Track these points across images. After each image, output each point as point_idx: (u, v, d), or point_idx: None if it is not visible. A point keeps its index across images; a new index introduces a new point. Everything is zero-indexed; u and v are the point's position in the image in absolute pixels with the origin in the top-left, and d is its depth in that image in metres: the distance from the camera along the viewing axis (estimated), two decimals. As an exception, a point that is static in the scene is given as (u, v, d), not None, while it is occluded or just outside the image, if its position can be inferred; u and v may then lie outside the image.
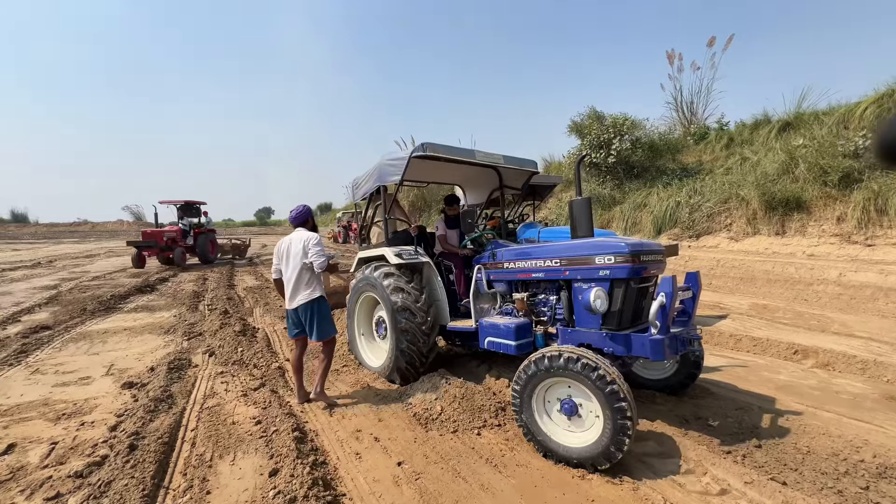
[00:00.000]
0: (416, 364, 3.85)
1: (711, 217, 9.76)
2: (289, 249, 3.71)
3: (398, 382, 3.94)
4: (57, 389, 3.96)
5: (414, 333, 3.80)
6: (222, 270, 13.56)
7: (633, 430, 2.36)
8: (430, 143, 3.75)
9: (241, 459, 2.69)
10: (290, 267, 3.67)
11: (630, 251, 2.81)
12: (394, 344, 3.91)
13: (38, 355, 4.98)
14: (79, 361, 4.78)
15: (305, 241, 3.66)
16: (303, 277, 3.65)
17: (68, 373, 4.40)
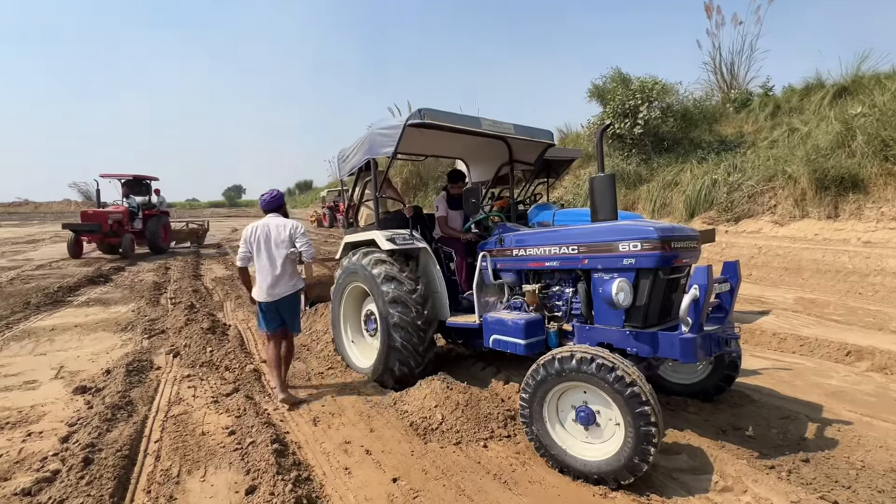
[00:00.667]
0: (410, 365, 3.85)
1: (753, 198, 9.74)
2: (267, 237, 3.83)
3: (391, 386, 3.95)
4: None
5: (408, 329, 3.79)
6: (186, 259, 13.54)
7: (658, 437, 2.37)
8: (428, 110, 3.69)
9: (213, 475, 2.70)
10: (271, 256, 3.81)
11: (660, 236, 2.79)
12: (385, 341, 3.91)
13: (-24, 356, 4.98)
14: (23, 363, 4.78)
15: (292, 230, 3.85)
16: (287, 268, 3.84)
17: (11, 375, 4.41)
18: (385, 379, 3.99)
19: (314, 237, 18.49)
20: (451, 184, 4.82)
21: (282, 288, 3.83)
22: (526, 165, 5.10)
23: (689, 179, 11.10)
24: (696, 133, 12.67)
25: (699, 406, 3.48)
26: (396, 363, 3.85)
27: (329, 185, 34.01)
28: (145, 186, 15.63)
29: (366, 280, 4.13)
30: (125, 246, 13.36)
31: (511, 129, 4.21)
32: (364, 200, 5.14)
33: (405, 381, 3.90)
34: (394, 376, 3.91)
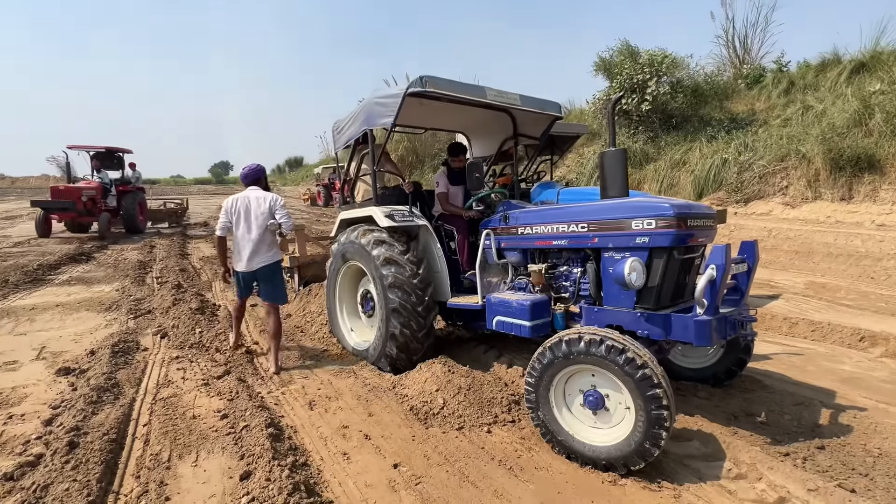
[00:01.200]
0: (409, 350, 3.83)
1: (764, 178, 9.67)
2: (247, 208, 4.10)
3: (387, 370, 3.93)
4: (-23, 376, 3.91)
5: (408, 315, 3.75)
6: (172, 238, 13.40)
7: (671, 421, 2.35)
8: (430, 77, 3.58)
9: (206, 460, 2.67)
10: (250, 227, 4.08)
11: (676, 214, 2.73)
12: (383, 326, 3.87)
13: (-48, 335, 4.91)
14: (2, 343, 4.72)
15: (272, 202, 4.11)
16: (265, 239, 4.12)
17: (-10, 356, 4.35)
18: (381, 363, 3.97)
19: (305, 216, 18.33)
20: (451, 157, 4.71)
21: (260, 258, 4.10)
22: (531, 140, 4.99)
23: (697, 158, 10.99)
24: (706, 110, 12.51)
25: (709, 391, 3.47)
26: (395, 349, 3.82)
27: (322, 162, 33.55)
28: (118, 160, 14.56)
29: (364, 260, 4.06)
30: (102, 226, 12.56)
31: (517, 100, 4.11)
32: (361, 175, 5.02)
33: (402, 366, 3.88)
34: (391, 362, 3.88)
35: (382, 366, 3.96)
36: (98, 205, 12.85)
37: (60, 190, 12.45)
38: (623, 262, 2.75)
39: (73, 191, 12.44)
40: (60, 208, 12.31)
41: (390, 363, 3.89)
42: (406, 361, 3.85)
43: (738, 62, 14.44)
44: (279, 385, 3.78)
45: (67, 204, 12.22)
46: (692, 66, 12.57)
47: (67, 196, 12.30)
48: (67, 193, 12.35)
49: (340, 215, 4.74)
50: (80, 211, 12.39)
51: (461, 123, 5.42)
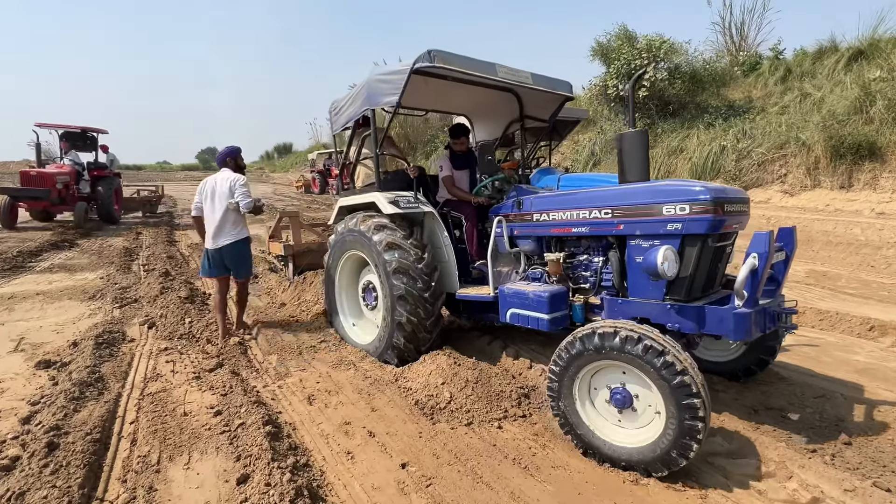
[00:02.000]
0: (417, 340, 3.63)
1: (763, 166, 9.58)
2: (213, 189, 4.32)
3: (394, 364, 3.73)
4: (-50, 369, 3.65)
5: (414, 302, 3.55)
6: (158, 225, 13.01)
7: (704, 434, 2.19)
8: (439, 51, 3.33)
9: (199, 462, 2.46)
10: (214, 207, 4.30)
11: (712, 198, 2.51)
12: (388, 316, 3.67)
13: (-76, 326, 4.62)
14: (-22, 334, 4.44)
15: (232, 182, 4.31)
16: (228, 218, 4.31)
17: (-36, 348, 4.07)
18: (387, 355, 3.76)
19: (296, 203, 17.97)
20: (453, 139, 4.47)
21: (224, 237, 4.32)
22: (538, 122, 4.77)
23: (695, 146, 10.87)
24: (704, 97, 12.37)
25: (726, 384, 3.34)
26: (402, 339, 3.61)
27: (315, 147, 32.85)
28: (90, 141, 12.99)
29: (365, 248, 3.84)
30: (78, 215, 11.03)
31: (528, 79, 3.87)
32: (361, 159, 4.76)
33: (409, 358, 3.68)
34: (398, 353, 3.68)
35: (389, 358, 3.75)
36: (71, 192, 11.65)
37: (32, 176, 10.99)
38: (655, 251, 2.53)
39: (47, 177, 11.03)
40: (32, 197, 10.94)
41: (397, 354, 3.69)
42: (414, 352, 3.66)
43: (734, 49, 14.29)
44: (275, 378, 3.58)
45: (41, 192, 10.87)
46: (690, 52, 12.38)
47: (41, 183, 10.92)
48: (41, 180, 10.95)
49: (339, 202, 4.47)
50: (54, 200, 11.14)
51: (465, 105, 5.17)
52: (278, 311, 5.23)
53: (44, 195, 10.87)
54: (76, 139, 12.81)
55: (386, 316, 3.70)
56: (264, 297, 5.93)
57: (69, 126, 12.67)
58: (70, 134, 12.74)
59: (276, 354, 4.02)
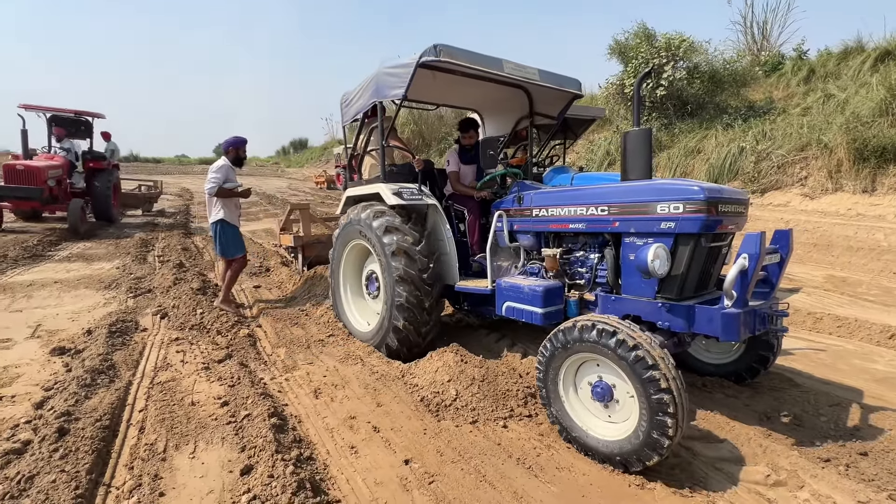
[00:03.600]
0: (416, 325, 3.65)
1: (783, 168, 9.37)
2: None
3: (394, 349, 3.76)
4: (-32, 354, 3.73)
5: (413, 283, 3.59)
6: (175, 216, 13.17)
7: (674, 407, 2.15)
8: (445, 46, 3.34)
9: (204, 451, 2.48)
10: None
11: (706, 198, 2.52)
12: (388, 300, 3.72)
13: (-54, 310, 4.74)
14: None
15: (210, 169, 4.87)
16: (210, 201, 4.91)
17: (-17, 333, 4.17)
18: (389, 340, 3.77)
19: (310, 197, 18.10)
20: (462, 133, 4.48)
21: (210, 218, 4.96)
22: (548, 119, 4.73)
23: (713, 146, 10.67)
24: (723, 97, 12.14)
25: (737, 389, 3.27)
26: (401, 320, 3.63)
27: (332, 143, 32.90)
28: (85, 127, 11.13)
29: (366, 235, 3.91)
30: (73, 216, 8.92)
31: (536, 75, 3.85)
32: (368, 150, 4.79)
33: (409, 344, 3.71)
34: (398, 336, 3.69)
35: (389, 342, 3.77)
36: (64, 187, 9.82)
37: (18, 171, 8.93)
38: (646, 249, 2.57)
39: (37, 173, 9.01)
40: (22, 197, 8.96)
41: (397, 339, 3.71)
42: (414, 335, 3.68)
43: (756, 48, 14.00)
44: (283, 371, 3.60)
45: (31, 192, 8.92)
46: (710, 51, 12.14)
47: (29, 180, 8.92)
48: (29, 176, 8.93)
49: (347, 192, 4.58)
50: (47, 199, 9.24)
51: (475, 100, 5.16)
52: (288, 305, 5.27)
53: (34, 194, 8.99)
54: (69, 124, 10.98)
55: (386, 300, 3.75)
56: (275, 290, 5.97)
57: (59, 109, 10.72)
58: (61, 118, 10.80)
59: (284, 347, 4.05)
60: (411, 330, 3.66)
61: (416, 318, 3.63)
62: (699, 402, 3.06)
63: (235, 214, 5.07)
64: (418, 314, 3.63)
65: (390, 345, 3.77)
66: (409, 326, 3.65)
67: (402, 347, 3.72)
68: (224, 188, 4.84)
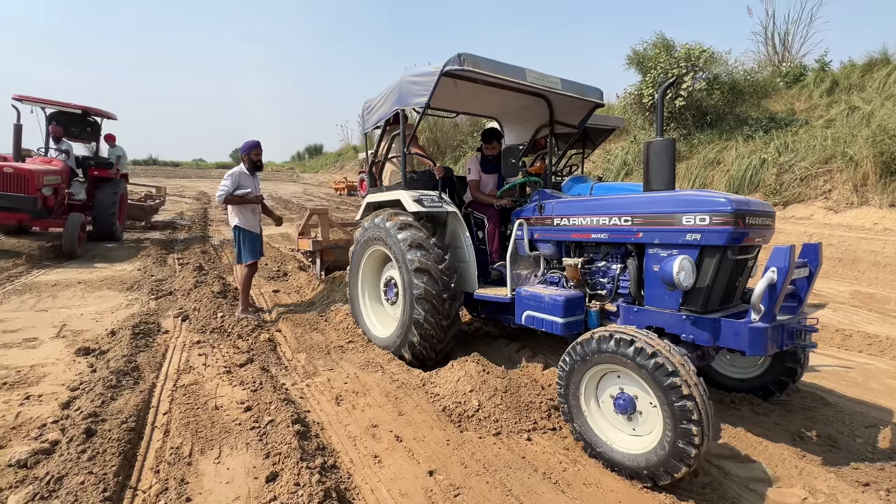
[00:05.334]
0: (432, 339, 3.67)
1: (806, 181, 9.20)
2: None
3: (408, 359, 3.78)
4: (-4, 352, 3.79)
5: (432, 302, 3.60)
6: (193, 218, 13.34)
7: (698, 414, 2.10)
8: (468, 55, 3.36)
9: (229, 457, 2.48)
10: None
11: (734, 210, 2.48)
12: (407, 312, 3.73)
13: (-25, 309, 4.82)
14: (23, 319, 4.61)
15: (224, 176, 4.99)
16: (227, 208, 5.05)
17: (10, 332, 4.23)
18: (403, 351, 3.80)
19: (324, 202, 18.22)
20: (485, 143, 4.49)
21: (231, 225, 5.07)
22: (568, 128, 4.72)
23: (733, 158, 10.53)
24: (743, 108, 11.99)
25: (767, 407, 3.18)
26: (417, 337, 3.65)
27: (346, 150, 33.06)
28: (92, 128, 9.42)
29: (389, 244, 3.91)
30: (70, 234, 7.31)
31: (558, 84, 3.85)
32: (389, 157, 4.82)
33: (424, 356, 3.72)
34: (413, 351, 3.72)
35: (403, 354, 3.80)
36: (62, 198, 8.19)
37: (5, 174, 7.25)
38: (671, 260, 2.54)
39: (28, 177, 7.35)
40: (7, 207, 7.24)
41: (412, 351, 3.73)
42: (428, 350, 3.69)
43: (777, 59, 13.84)
44: (304, 376, 3.59)
45: (21, 201, 7.26)
46: (731, 62, 12.02)
47: (20, 186, 7.28)
48: (19, 181, 7.28)
49: (367, 198, 4.61)
50: (39, 212, 7.54)
51: (495, 108, 5.16)
52: (308, 310, 5.28)
53: (24, 205, 7.30)
54: (71, 123, 9.22)
55: (404, 312, 3.76)
56: (294, 294, 5.99)
57: (63, 104, 8.88)
58: (62, 115, 9.06)
59: (304, 353, 4.04)
60: (426, 346, 3.68)
61: (431, 335, 3.64)
62: (728, 420, 2.99)
63: (252, 220, 5.08)
64: (434, 332, 3.64)
65: (405, 356, 3.80)
66: (424, 344, 3.67)
67: (415, 360, 3.75)
68: (234, 196, 4.86)
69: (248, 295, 5.05)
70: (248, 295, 5.05)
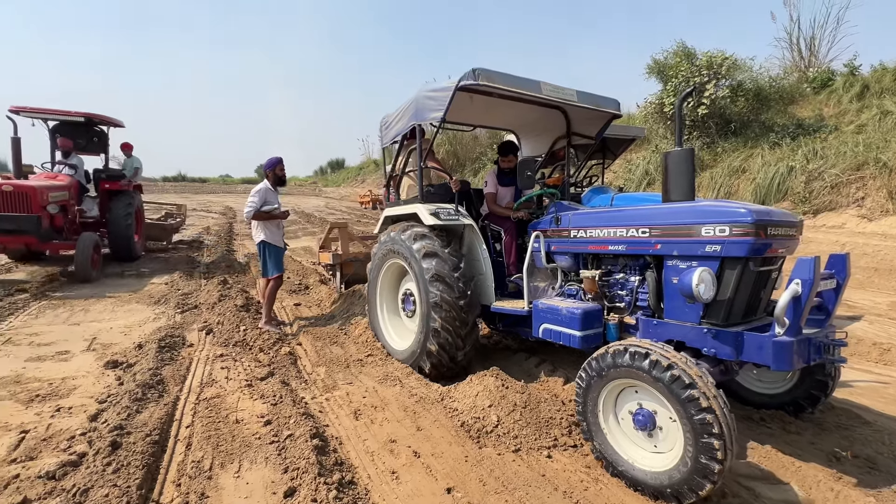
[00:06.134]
0: (450, 347, 3.65)
1: (836, 188, 8.91)
2: None
3: (427, 372, 3.77)
4: (31, 364, 3.93)
5: (449, 310, 3.59)
6: (219, 233, 13.65)
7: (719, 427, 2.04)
8: (483, 70, 3.39)
9: (249, 471, 2.49)
10: None
11: (754, 220, 2.42)
12: (424, 322, 3.73)
13: (12, 322, 5.01)
14: (57, 332, 4.77)
15: (250, 193, 5.10)
16: (252, 224, 5.16)
17: (44, 345, 4.39)
18: (421, 362, 3.79)
19: (346, 216, 18.46)
20: (501, 157, 4.52)
21: (255, 240, 5.19)
22: (586, 140, 4.70)
23: (759, 166, 10.28)
24: (769, 115, 11.73)
25: (799, 425, 3.05)
26: (435, 345, 3.64)
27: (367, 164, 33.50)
28: (99, 138, 8.57)
29: (405, 256, 3.94)
30: (83, 256, 6.63)
31: (574, 96, 3.85)
32: (407, 171, 4.88)
33: (443, 368, 3.71)
34: (431, 360, 3.70)
35: (422, 365, 3.79)
36: (72, 216, 7.52)
37: (4, 192, 6.46)
38: (690, 272, 2.49)
39: (31, 195, 6.56)
40: (8, 230, 6.49)
41: (430, 362, 3.72)
42: (448, 360, 3.68)
43: (803, 65, 13.54)
44: (323, 390, 3.61)
45: (24, 222, 6.48)
46: (755, 68, 11.80)
47: (23, 205, 6.50)
48: (20, 200, 6.49)
49: (385, 212, 4.66)
50: (47, 233, 6.75)
51: (512, 121, 5.18)
52: (328, 323, 5.32)
53: (27, 226, 6.51)
54: (77, 134, 8.37)
55: (422, 322, 3.76)
56: (314, 308, 6.06)
57: (63, 112, 7.99)
58: (66, 126, 8.24)
59: (324, 366, 4.07)
60: (444, 356, 3.66)
61: (450, 343, 3.63)
62: (757, 438, 2.87)
63: (277, 235, 5.20)
64: (452, 340, 3.63)
65: (423, 367, 3.79)
66: (442, 353, 3.65)
67: (435, 371, 3.73)
68: (262, 212, 5.00)
69: (271, 307, 5.13)
70: (271, 307, 5.13)
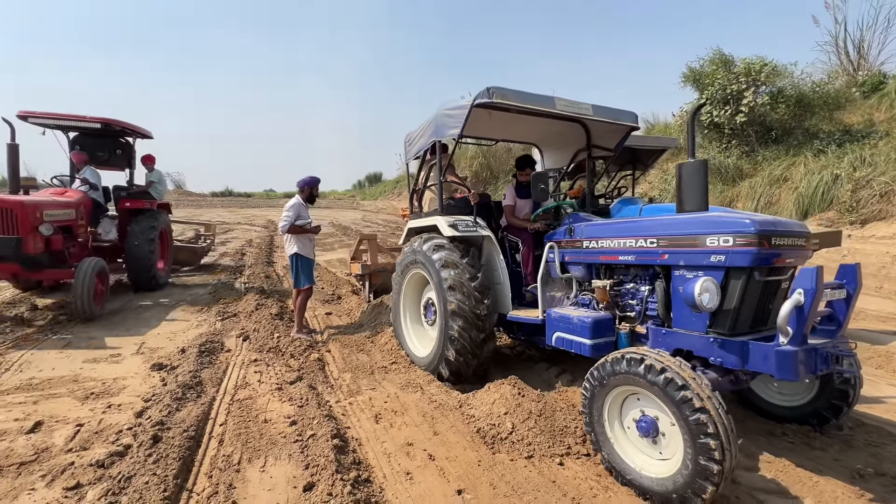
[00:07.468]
0: (467, 355, 3.78)
1: (886, 196, 8.44)
2: None
3: (446, 378, 3.91)
4: (87, 366, 4.30)
5: (466, 318, 3.73)
6: (260, 244, 14.25)
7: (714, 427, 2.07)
8: (497, 88, 3.54)
9: (273, 466, 2.68)
10: None
11: (757, 231, 2.46)
12: (442, 330, 3.88)
13: (73, 328, 5.47)
14: (113, 338, 5.18)
15: (284, 208, 5.34)
16: (285, 237, 5.41)
17: (100, 349, 4.78)
18: (441, 370, 3.95)
19: (381, 228, 18.88)
20: (518, 171, 4.65)
21: (287, 252, 5.43)
22: (605, 152, 4.75)
23: (802, 174, 9.87)
24: (813, 121, 11.25)
25: (825, 441, 2.97)
26: (452, 352, 3.79)
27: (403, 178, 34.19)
28: (123, 149, 7.74)
29: (426, 266, 4.12)
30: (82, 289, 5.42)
31: (589, 111, 3.93)
32: (428, 185, 5.09)
33: (461, 374, 3.87)
34: (449, 366, 3.86)
35: (441, 372, 3.95)
36: (84, 240, 6.56)
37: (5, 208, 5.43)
38: (694, 282, 2.54)
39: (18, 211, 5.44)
40: None
41: (448, 368, 3.87)
42: (465, 366, 3.82)
43: (851, 69, 12.93)
44: (347, 395, 3.78)
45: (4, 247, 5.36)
46: (797, 74, 11.37)
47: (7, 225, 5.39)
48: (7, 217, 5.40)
49: (408, 224, 4.87)
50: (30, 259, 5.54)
51: (533, 135, 5.29)
52: (356, 332, 5.53)
53: (7, 251, 5.39)
54: (97, 146, 7.55)
55: (441, 330, 3.91)
56: (344, 317, 6.29)
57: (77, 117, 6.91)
58: (86, 137, 7.48)
59: (350, 372, 4.25)
60: (462, 362, 3.81)
61: (467, 350, 3.77)
62: (777, 453, 2.83)
63: (309, 247, 5.46)
64: (470, 347, 3.76)
65: (442, 373, 3.94)
66: (459, 359, 3.79)
67: (453, 377, 3.88)
68: (296, 225, 5.27)
69: (302, 317, 5.38)
70: (302, 317, 5.38)
